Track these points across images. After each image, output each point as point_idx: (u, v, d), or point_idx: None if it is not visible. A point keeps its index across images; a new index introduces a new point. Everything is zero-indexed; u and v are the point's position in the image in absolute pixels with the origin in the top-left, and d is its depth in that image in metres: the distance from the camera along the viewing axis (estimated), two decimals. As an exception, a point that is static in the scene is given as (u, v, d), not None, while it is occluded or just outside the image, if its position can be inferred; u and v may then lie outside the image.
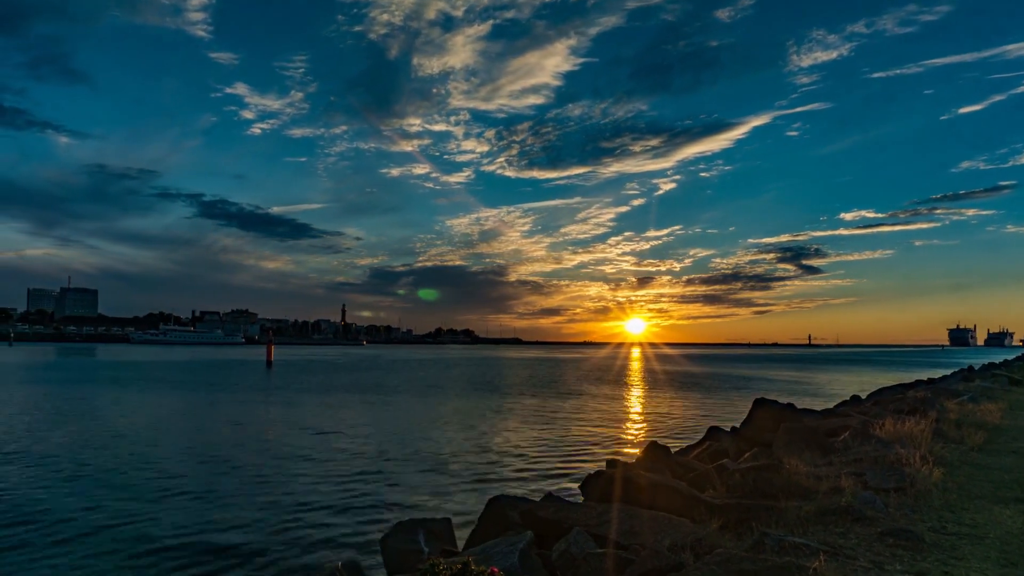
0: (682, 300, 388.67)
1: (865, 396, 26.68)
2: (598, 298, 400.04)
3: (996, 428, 12.64)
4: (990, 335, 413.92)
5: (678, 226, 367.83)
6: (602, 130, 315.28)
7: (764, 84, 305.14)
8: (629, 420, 29.09)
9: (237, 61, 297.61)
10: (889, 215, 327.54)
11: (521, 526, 6.48)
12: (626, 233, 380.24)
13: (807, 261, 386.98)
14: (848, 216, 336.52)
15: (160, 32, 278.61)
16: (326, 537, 11.04)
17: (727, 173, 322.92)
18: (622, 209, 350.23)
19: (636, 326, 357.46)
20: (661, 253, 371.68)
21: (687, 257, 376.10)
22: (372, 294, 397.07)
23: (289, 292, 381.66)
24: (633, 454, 17.55)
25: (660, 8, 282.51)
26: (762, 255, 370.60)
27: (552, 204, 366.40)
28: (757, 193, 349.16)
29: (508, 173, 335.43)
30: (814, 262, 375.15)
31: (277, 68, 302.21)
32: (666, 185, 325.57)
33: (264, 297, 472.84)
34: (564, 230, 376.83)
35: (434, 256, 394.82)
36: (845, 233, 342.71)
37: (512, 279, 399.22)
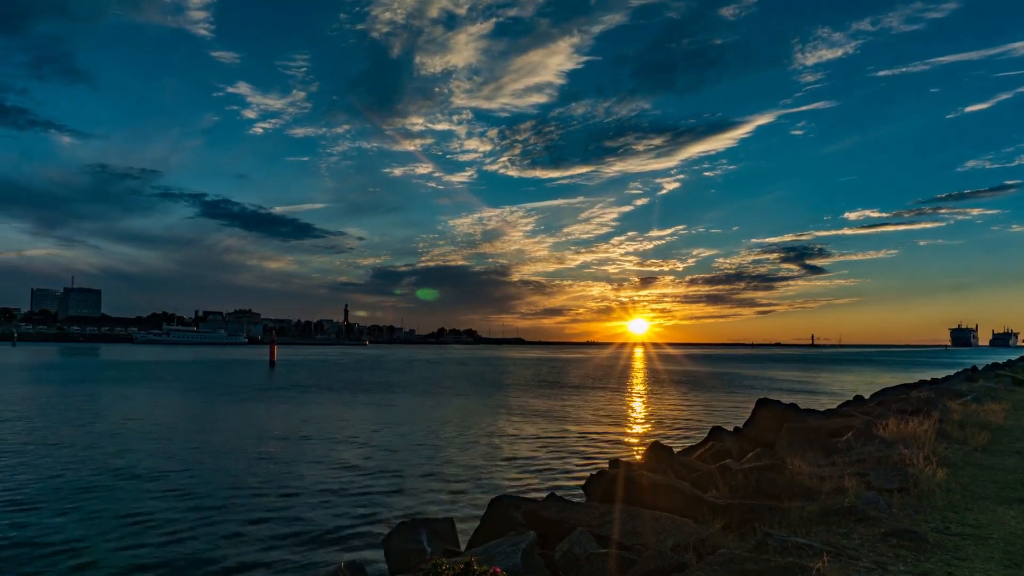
0: (685, 300, 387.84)
1: (868, 396, 26.63)
2: (601, 298, 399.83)
3: (1000, 428, 12.61)
4: (995, 335, 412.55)
5: (681, 226, 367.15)
6: (605, 129, 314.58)
7: (768, 83, 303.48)
8: (632, 420, 29.07)
9: (239, 60, 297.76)
10: (893, 215, 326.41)
11: (524, 526, 6.48)
12: (629, 233, 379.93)
13: (811, 261, 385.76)
14: (852, 216, 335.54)
15: (162, 31, 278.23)
16: (329, 537, 11.06)
17: (731, 172, 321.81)
18: (625, 209, 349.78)
19: (639, 326, 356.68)
20: (664, 253, 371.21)
21: (690, 257, 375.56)
22: (375, 294, 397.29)
23: (292, 292, 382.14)
24: (636, 454, 17.55)
25: (664, 6, 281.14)
26: (765, 255, 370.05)
27: (555, 204, 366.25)
28: (761, 192, 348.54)
29: (511, 173, 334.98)
30: (818, 262, 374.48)
31: (279, 67, 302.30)
32: (669, 185, 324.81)
33: (267, 297, 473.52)
34: (567, 230, 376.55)
35: (437, 256, 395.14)
36: (849, 233, 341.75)
37: (515, 279, 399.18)
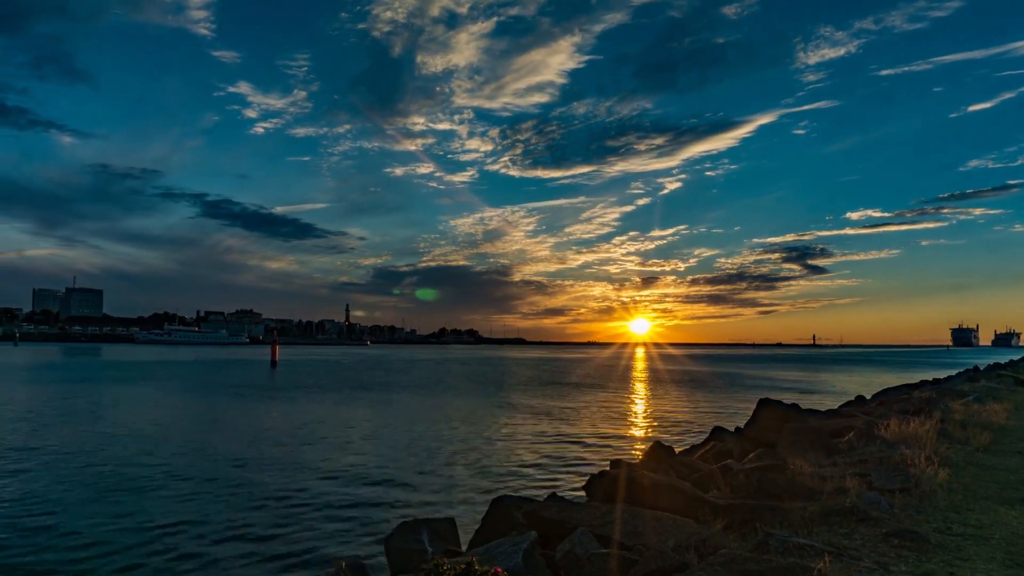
0: (686, 300, 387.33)
1: (870, 396, 26.61)
2: (602, 298, 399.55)
3: (1002, 429, 12.59)
4: (997, 335, 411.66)
5: (683, 225, 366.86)
6: (607, 129, 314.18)
7: (770, 82, 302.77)
8: (633, 420, 29.07)
9: (240, 59, 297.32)
10: (895, 214, 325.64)
11: (525, 526, 6.48)
12: (631, 233, 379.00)
13: (812, 261, 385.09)
14: (854, 215, 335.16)
15: (162, 30, 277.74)
16: (330, 536, 11.07)
17: (733, 172, 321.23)
18: (627, 208, 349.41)
19: (640, 326, 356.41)
20: (666, 253, 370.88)
21: (692, 257, 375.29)
22: (376, 294, 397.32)
23: (293, 292, 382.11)
24: (637, 454, 17.54)
25: (666, 4, 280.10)
26: (767, 255, 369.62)
27: (556, 204, 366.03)
28: (763, 192, 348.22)
29: (512, 172, 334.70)
30: (819, 262, 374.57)
31: (280, 66, 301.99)
32: (671, 184, 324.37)
33: (268, 297, 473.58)
34: (568, 230, 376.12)
35: (438, 256, 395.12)
36: (851, 233, 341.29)
37: (516, 279, 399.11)
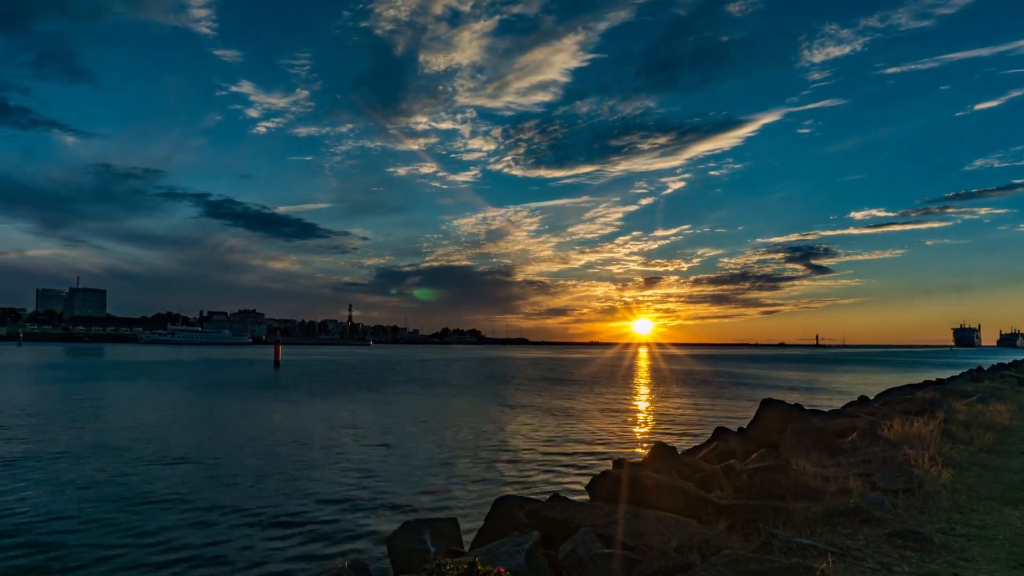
0: (689, 300, 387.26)
1: (873, 397, 26.57)
2: (605, 298, 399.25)
3: (1005, 429, 12.57)
4: (1002, 336, 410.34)
5: (686, 225, 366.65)
6: (610, 128, 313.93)
7: (775, 80, 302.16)
8: (635, 420, 29.05)
9: (241, 59, 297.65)
10: (900, 214, 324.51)
11: (527, 526, 6.48)
12: (634, 233, 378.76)
13: (816, 261, 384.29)
14: (858, 215, 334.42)
15: (164, 29, 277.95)
16: (333, 536, 11.08)
17: (737, 171, 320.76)
18: (630, 208, 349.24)
19: (643, 326, 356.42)
20: (669, 253, 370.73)
21: (695, 257, 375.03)
22: (379, 294, 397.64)
23: (296, 292, 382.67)
24: (640, 454, 17.53)
25: (671, 2, 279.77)
26: (771, 255, 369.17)
27: (559, 203, 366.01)
28: (767, 192, 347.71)
29: (515, 172, 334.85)
30: (823, 262, 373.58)
31: (282, 66, 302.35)
32: (675, 184, 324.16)
33: (271, 297, 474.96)
34: (571, 230, 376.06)
35: (441, 256, 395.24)
36: (855, 232, 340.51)
37: (519, 279, 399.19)
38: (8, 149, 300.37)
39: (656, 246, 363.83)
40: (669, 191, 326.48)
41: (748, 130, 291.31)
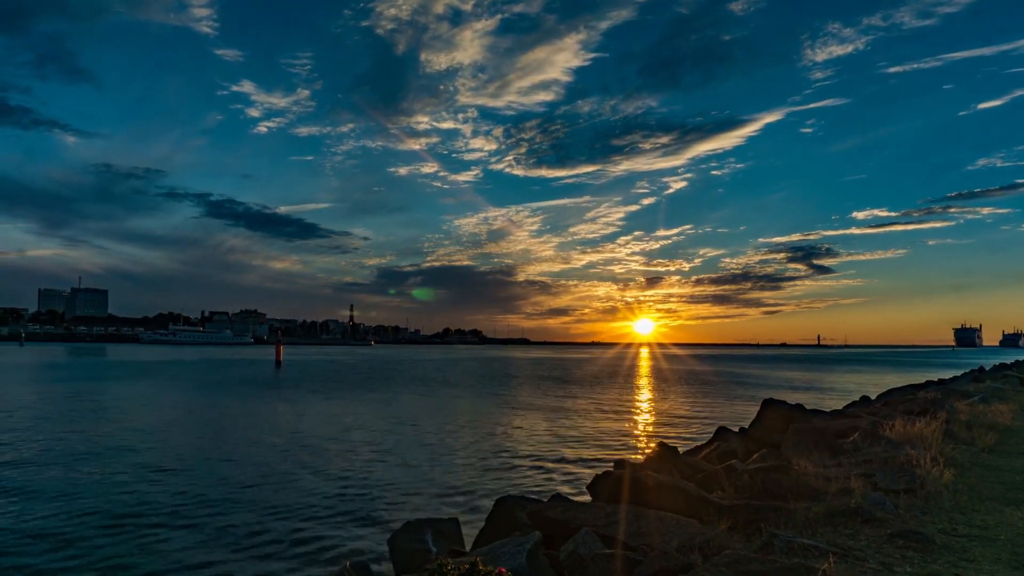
0: (691, 300, 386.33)
1: (875, 397, 26.55)
2: (606, 298, 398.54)
3: (1007, 429, 12.56)
4: (1005, 336, 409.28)
5: (688, 225, 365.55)
6: (612, 127, 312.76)
7: (777, 79, 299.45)
8: (637, 420, 29.04)
9: (242, 58, 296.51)
10: (902, 214, 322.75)
11: (529, 526, 6.48)
12: (635, 232, 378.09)
13: (818, 261, 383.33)
14: (860, 215, 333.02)
15: (164, 29, 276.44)
16: (334, 536, 11.09)
17: (739, 171, 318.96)
18: (632, 208, 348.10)
19: (644, 326, 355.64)
20: (671, 253, 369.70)
21: (697, 257, 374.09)
22: (380, 294, 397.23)
23: (297, 292, 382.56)
24: (641, 454, 17.53)
25: (673, 1, 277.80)
26: (772, 255, 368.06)
27: (561, 203, 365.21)
28: (769, 191, 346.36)
29: (516, 172, 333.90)
30: (825, 262, 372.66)
31: (283, 65, 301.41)
32: (677, 184, 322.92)
33: (272, 297, 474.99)
34: (573, 229, 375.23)
35: (442, 256, 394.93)
36: (857, 232, 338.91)
37: (520, 279, 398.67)
38: (9, 149, 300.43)
39: (658, 246, 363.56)
40: (671, 191, 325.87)
41: (750, 129, 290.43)
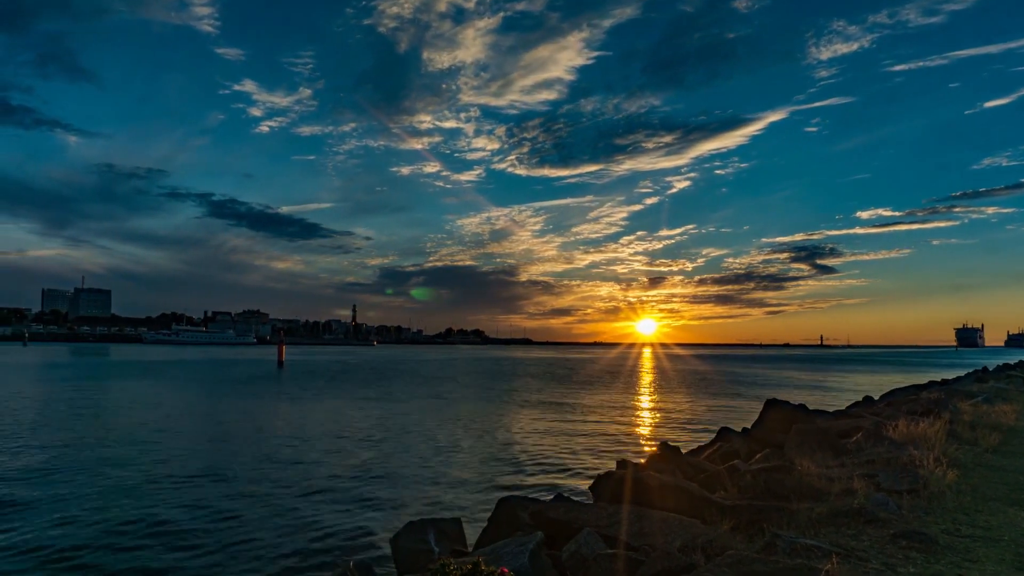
0: (694, 300, 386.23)
1: (878, 397, 26.50)
2: (609, 298, 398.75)
3: (1011, 430, 12.53)
4: (1010, 336, 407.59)
5: (691, 225, 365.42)
6: (615, 126, 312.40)
7: (781, 78, 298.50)
8: (639, 420, 29.02)
9: (244, 57, 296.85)
10: (906, 213, 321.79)
11: (531, 526, 6.49)
12: (638, 232, 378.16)
13: (821, 261, 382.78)
14: (864, 215, 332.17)
15: (166, 28, 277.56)
16: (337, 536, 11.10)
17: (742, 170, 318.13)
18: (635, 208, 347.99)
19: (647, 326, 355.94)
20: (673, 253, 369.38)
21: (700, 257, 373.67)
22: (382, 294, 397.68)
23: (299, 292, 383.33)
24: (644, 455, 17.52)
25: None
26: (776, 255, 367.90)
27: (563, 203, 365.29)
28: (772, 191, 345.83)
29: (519, 171, 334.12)
30: (828, 261, 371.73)
31: (285, 64, 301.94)
32: (680, 183, 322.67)
33: (275, 297, 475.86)
34: (575, 229, 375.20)
35: (444, 256, 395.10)
36: (861, 232, 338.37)
37: (523, 279, 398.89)
38: (11, 149, 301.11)
39: (661, 246, 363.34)
40: (674, 190, 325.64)
41: (754, 128, 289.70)
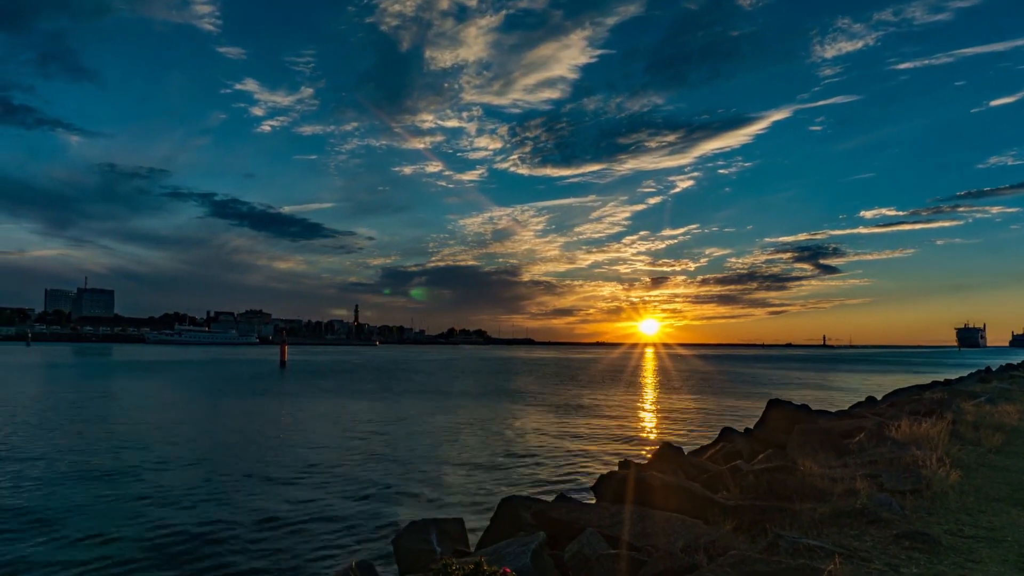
0: (696, 300, 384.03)
1: (880, 397, 26.46)
2: (612, 298, 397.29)
3: (1015, 430, 12.49)
4: (1014, 336, 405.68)
5: (694, 225, 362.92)
6: (618, 126, 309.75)
7: (785, 76, 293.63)
8: (642, 420, 29.01)
9: (245, 56, 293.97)
10: (910, 213, 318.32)
11: (533, 527, 6.49)
12: (641, 232, 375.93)
13: (824, 260, 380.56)
14: (868, 214, 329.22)
15: (167, 27, 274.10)
16: (339, 536, 11.11)
17: (746, 170, 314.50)
18: (638, 207, 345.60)
19: (650, 327, 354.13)
20: (676, 252, 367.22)
21: (703, 257, 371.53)
22: (384, 294, 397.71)
23: (302, 292, 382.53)
24: (646, 455, 17.51)
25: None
26: (779, 254, 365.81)
27: (566, 203, 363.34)
28: (776, 190, 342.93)
29: (521, 171, 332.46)
30: (832, 261, 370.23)
31: (287, 63, 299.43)
32: (683, 183, 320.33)
33: (277, 297, 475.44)
34: (578, 229, 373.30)
35: (447, 256, 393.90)
36: (864, 232, 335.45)
37: (525, 279, 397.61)
38: (13, 148, 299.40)
39: (663, 246, 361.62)
40: (677, 190, 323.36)
41: (758, 127, 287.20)
